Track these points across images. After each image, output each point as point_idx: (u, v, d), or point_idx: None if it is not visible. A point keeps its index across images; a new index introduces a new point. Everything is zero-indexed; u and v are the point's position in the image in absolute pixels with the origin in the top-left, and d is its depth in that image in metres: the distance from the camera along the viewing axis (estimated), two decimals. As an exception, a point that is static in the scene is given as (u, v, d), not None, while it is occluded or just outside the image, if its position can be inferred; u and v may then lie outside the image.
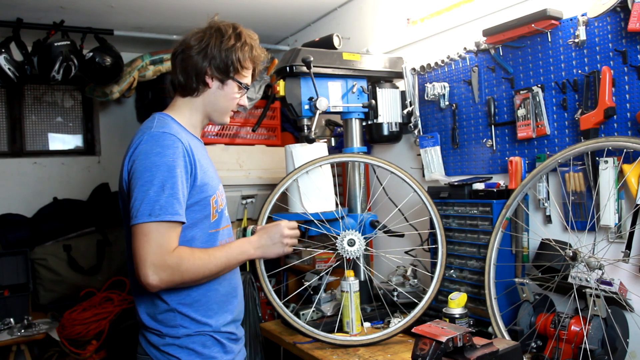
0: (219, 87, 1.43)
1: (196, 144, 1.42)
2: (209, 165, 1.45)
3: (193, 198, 1.34)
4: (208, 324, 1.38)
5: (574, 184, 1.70)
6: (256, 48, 1.45)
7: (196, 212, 1.35)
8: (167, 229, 1.24)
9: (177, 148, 1.29)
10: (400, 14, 2.48)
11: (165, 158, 1.26)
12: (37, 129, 3.74)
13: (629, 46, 1.57)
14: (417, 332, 1.27)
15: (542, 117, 1.81)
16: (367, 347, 1.86)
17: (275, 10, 2.94)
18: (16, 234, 3.27)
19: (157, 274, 1.21)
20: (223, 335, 1.41)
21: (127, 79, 3.17)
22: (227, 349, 1.42)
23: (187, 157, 1.31)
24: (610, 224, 1.59)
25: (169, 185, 1.24)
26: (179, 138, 1.30)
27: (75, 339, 2.97)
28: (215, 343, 1.39)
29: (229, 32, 1.41)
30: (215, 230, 1.41)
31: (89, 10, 2.85)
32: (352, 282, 1.97)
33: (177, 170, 1.27)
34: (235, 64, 1.40)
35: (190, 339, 1.36)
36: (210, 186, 1.39)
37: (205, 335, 1.38)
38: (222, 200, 1.46)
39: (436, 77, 2.27)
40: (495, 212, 1.84)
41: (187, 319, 1.36)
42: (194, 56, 1.39)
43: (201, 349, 1.36)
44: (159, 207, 1.23)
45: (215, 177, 1.46)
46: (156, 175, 1.24)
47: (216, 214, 1.41)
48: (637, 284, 1.56)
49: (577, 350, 1.50)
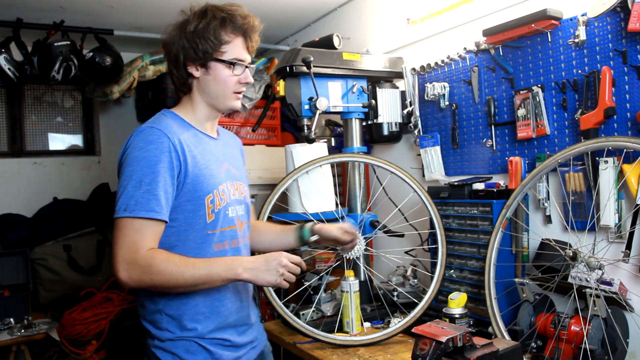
0: (204, 73, 1.36)
1: (199, 140, 1.37)
2: (211, 162, 1.37)
3: (184, 196, 1.29)
4: (194, 329, 1.31)
5: (574, 184, 1.70)
6: (234, 17, 1.34)
7: (189, 212, 1.30)
8: (141, 225, 1.21)
9: (162, 143, 1.25)
10: (400, 14, 2.48)
11: (146, 153, 1.24)
12: (37, 129, 3.74)
13: (629, 46, 1.57)
14: (417, 332, 1.27)
15: (542, 117, 1.81)
16: (367, 347, 1.86)
17: (275, 10, 2.93)
18: (16, 234, 3.26)
19: (126, 271, 1.19)
20: (211, 342, 1.33)
21: (127, 79, 3.17)
22: (215, 357, 1.33)
23: (174, 152, 1.26)
24: (610, 224, 1.59)
25: (147, 180, 1.22)
26: (165, 133, 1.27)
27: (75, 339, 2.97)
28: (201, 350, 1.31)
29: (192, 15, 1.34)
30: (212, 232, 1.33)
31: (89, 10, 2.84)
32: (352, 282, 1.97)
33: (158, 165, 1.23)
34: (204, 44, 1.31)
35: (173, 343, 1.31)
36: (207, 184, 1.32)
37: (190, 341, 1.31)
38: (222, 199, 1.36)
39: (436, 77, 2.27)
40: (495, 212, 1.84)
41: (173, 323, 1.31)
42: (171, 51, 1.37)
43: (185, 354, 1.30)
44: (134, 203, 1.21)
45: (218, 174, 1.37)
46: (135, 170, 1.23)
47: (212, 214, 1.33)
48: (637, 284, 1.57)
49: (577, 350, 1.50)
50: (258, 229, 1.66)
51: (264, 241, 1.65)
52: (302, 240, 1.61)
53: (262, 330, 1.57)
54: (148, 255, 1.20)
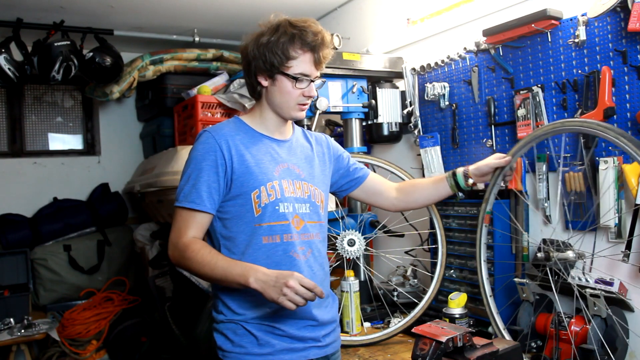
0: (271, 84, 1.46)
1: (255, 141, 1.47)
2: (264, 161, 1.44)
3: (234, 191, 1.41)
4: (243, 313, 1.41)
5: (574, 184, 1.70)
6: (304, 34, 1.41)
7: (238, 206, 1.42)
8: (187, 215, 1.39)
9: (208, 144, 1.40)
10: (400, 14, 2.48)
11: (194, 152, 1.42)
12: (37, 129, 3.74)
13: (629, 46, 1.57)
14: (417, 332, 1.27)
15: (542, 117, 1.81)
16: (367, 347, 1.86)
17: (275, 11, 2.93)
18: (16, 234, 3.26)
19: (171, 250, 1.40)
20: (259, 328, 1.40)
21: (127, 79, 3.17)
22: (261, 342, 1.40)
23: (219, 151, 1.40)
24: (610, 224, 1.59)
25: (193, 176, 1.40)
26: (212, 135, 1.41)
27: (75, 339, 2.98)
28: (247, 333, 1.40)
29: (266, 28, 1.44)
30: (259, 225, 1.42)
31: (89, 10, 2.85)
32: (352, 282, 1.98)
33: (203, 163, 1.39)
34: (272, 58, 1.41)
35: (224, 325, 1.43)
36: (254, 180, 1.41)
37: (237, 324, 1.41)
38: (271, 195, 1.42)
39: (436, 77, 2.27)
40: (496, 212, 1.84)
41: (225, 307, 1.43)
42: (245, 60, 1.49)
43: (232, 336, 1.41)
44: (183, 195, 1.40)
45: (270, 172, 1.43)
46: (186, 168, 1.42)
47: (259, 208, 1.42)
48: (637, 284, 1.56)
49: (577, 350, 1.50)
50: (411, 187, 1.75)
51: (420, 198, 1.73)
52: (457, 187, 1.68)
53: (338, 335, 1.57)
54: (186, 242, 1.37)
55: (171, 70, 3.27)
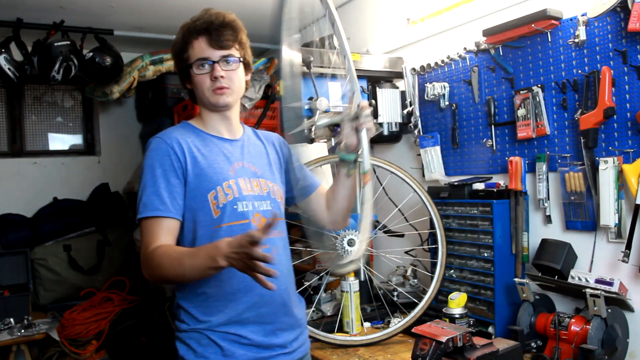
0: (192, 84, 1.46)
1: (206, 142, 1.43)
2: (218, 161, 1.40)
3: (190, 194, 1.37)
4: (206, 321, 1.34)
5: (574, 184, 1.70)
6: (194, 24, 1.43)
7: (196, 209, 1.36)
8: (152, 224, 1.32)
9: (161, 149, 1.37)
10: (400, 14, 2.48)
11: (149, 160, 1.37)
12: (37, 129, 3.74)
13: (629, 46, 1.57)
14: (417, 332, 1.27)
15: (542, 117, 1.81)
16: (367, 347, 1.86)
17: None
18: (16, 234, 3.26)
19: (143, 267, 1.31)
20: (220, 336, 1.33)
21: (127, 79, 3.17)
22: (225, 353, 1.32)
23: (174, 154, 1.36)
24: (610, 224, 1.59)
25: (151, 184, 1.34)
26: (163, 139, 1.38)
27: (75, 339, 2.97)
28: (211, 343, 1.33)
29: None
30: (218, 227, 1.36)
31: (89, 10, 2.84)
32: (352, 282, 1.97)
33: (159, 169, 1.35)
34: (179, 59, 1.45)
35: (187, 334, 1.36)
36: (209, 181, 1.36)
37: (201, 333, 1.34)
38: (228, 194, 1.37)
39: (436, 77, 2.27)
40: (496, 212, 1.84)
41: (188, 315, 1.37)
42: None
43: (196, 345, 1.34)
44: (142, 206, 1.33)
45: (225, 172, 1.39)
46: (143, 178, 1.36)
47: (218, 209, 1.36)
48: (637, 284, 1.57)
49: (577, 350, 1.50)
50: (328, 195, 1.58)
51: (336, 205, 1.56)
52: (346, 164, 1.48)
53: (306, 337, 1.50)
54: (153, 251, 1.28)
55: (171, 70, 3.26)
